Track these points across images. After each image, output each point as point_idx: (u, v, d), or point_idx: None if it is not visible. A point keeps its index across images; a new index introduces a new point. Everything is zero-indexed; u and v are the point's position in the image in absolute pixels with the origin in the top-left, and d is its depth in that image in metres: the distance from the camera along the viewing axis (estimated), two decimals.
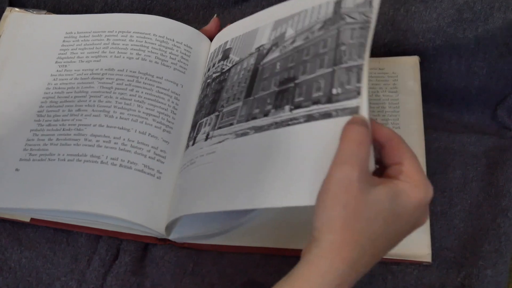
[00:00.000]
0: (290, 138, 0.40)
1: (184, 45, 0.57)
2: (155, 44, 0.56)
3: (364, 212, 0.33)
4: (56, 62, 0.57)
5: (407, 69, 0.60)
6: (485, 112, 0.62)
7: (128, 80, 0.54)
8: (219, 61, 0.54)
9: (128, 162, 0.50)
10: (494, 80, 0.61)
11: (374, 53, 0.62)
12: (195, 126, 0.52)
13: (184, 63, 0.56)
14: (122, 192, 0.49)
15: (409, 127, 0.56)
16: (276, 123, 0.42)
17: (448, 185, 0.55)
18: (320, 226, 0.34)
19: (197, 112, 0.53)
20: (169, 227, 0.50)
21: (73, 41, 0.58)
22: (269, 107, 0.44)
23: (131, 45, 0.56)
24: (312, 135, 0.39)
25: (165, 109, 0.53)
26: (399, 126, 0.56)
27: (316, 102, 0.40)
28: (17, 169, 0.51)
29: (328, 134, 0.37)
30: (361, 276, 0.35)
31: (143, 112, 0.52)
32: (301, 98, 0.42)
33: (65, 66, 0.56)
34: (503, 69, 0.60)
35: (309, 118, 0.40)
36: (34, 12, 0.61)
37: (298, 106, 0.41)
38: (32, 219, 0.52)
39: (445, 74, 0.62)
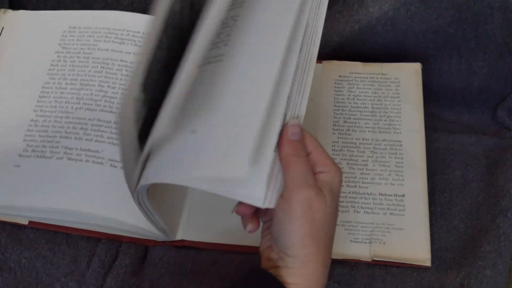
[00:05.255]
0: None
1: None
2: None
3: (325, 219, 0.37)
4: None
5: (409, 75, 0.60)
6: (485, 112, 0.62)
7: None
8: None
9: None
10: (494, 80, 0.61)
11: (375, 54, 0.62)
12: None
13: None
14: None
15: (411, 132, 0.57)
16: None
17: (448, 185, 0.55)
18: (293, 244, 0.36)
19: None
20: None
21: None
22: None
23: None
24: None
25: None
26: (401, 130, 0.57)
27: None
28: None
29: None
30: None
31: None
32: None
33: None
34: (503, 69, 0.60)
35: None
36: None
37: None
38: (30, 222, 0.52)
39: (445, 74, 0.62)
